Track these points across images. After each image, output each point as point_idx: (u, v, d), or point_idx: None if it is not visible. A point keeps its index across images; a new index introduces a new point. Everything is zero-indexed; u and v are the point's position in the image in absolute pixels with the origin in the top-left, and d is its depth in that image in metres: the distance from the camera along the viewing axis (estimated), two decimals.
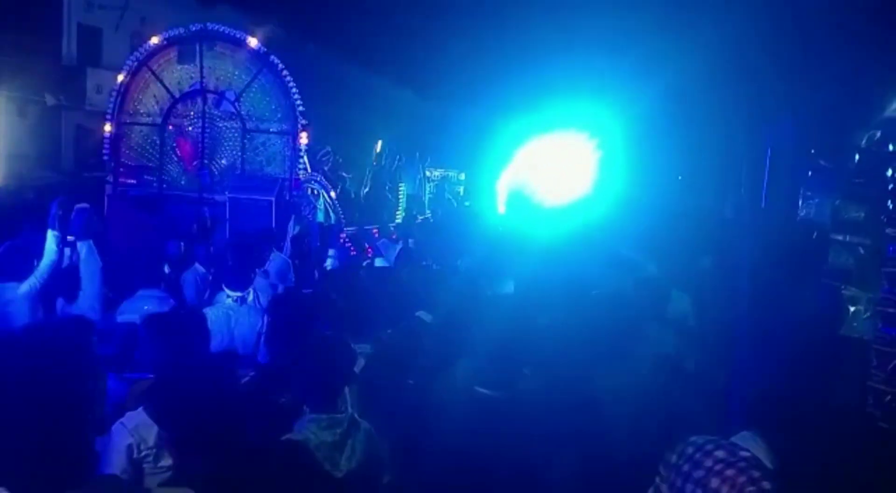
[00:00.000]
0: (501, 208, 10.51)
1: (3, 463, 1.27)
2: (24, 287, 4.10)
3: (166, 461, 2.65)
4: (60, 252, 4.23)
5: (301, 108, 8.99)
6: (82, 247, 4.19)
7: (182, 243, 7.10)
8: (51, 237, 4.20)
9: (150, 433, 2.71)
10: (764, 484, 1.51)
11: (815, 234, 3.78)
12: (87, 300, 4.06)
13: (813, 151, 3.89)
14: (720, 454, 1.60)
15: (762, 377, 3.42)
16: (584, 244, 5.26)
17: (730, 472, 1.54)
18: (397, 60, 16.54)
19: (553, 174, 8.66)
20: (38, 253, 4.25)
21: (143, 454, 2.68)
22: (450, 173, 19.79)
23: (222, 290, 4.63)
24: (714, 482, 1.55)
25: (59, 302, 4.26)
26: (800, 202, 3.93)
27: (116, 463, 2.61)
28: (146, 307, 4.23)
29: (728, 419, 3.04)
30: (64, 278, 4.22)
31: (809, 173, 3.93)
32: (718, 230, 5.48)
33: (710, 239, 5.41)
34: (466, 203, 17.59)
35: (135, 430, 2.71)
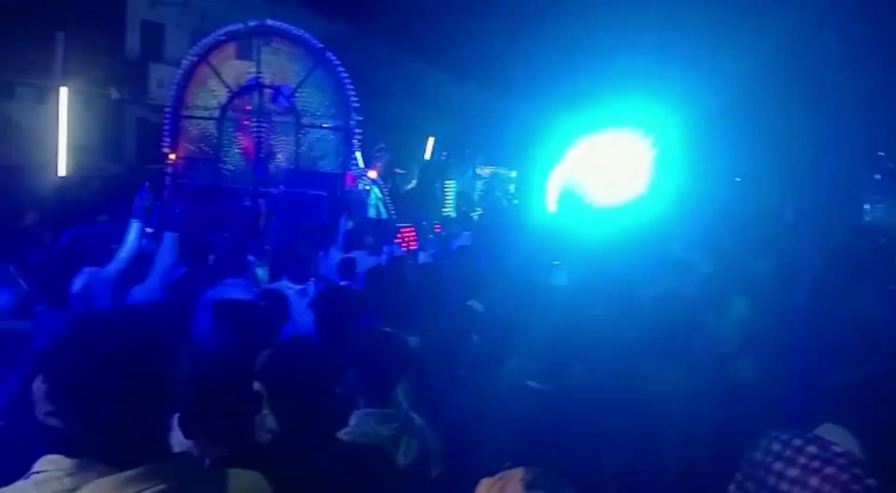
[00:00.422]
0: (552, 207, 10.37)
1: (91, 435, 1.37)
2: (107, 272, 4.29)
3: None
4: (140, 241, 4.43)
5: (355, 104, 9.09)
6: (167, 237, 4.38)
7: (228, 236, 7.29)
8: (135, 227, 4.38)
9: None
10: (869, 482, 1.45)
11: (883, 240, 3.64)
12: (155, 288, 4.23)
13: (882, 154, 3.75)
14: (812, 449, 1.54)
15: (822, 383, 3.32)
16: (638, 244, 5.18)
17: (829, 469, 1.48)
18: (452, 57, 16.59)
19: (606, 173, 8.48)
20: (108, 239, 4.43)
21: None
22: (500, 171, 19.73)
23: (281, 280, 4.75)
24: (814, 481, 1.49)
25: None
26: (867, 207, 3.79)
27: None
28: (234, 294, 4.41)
29: (786, 422, 2.96)
30: (138, 266, 4.41)
31: (878, 177, 3.80)
32: (777, 233, 5.33)
33: (769, 242, 5.28)
34: (516, 201, 17.50)
35: None
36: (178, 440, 1.87)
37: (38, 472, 1.72)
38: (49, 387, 1.50)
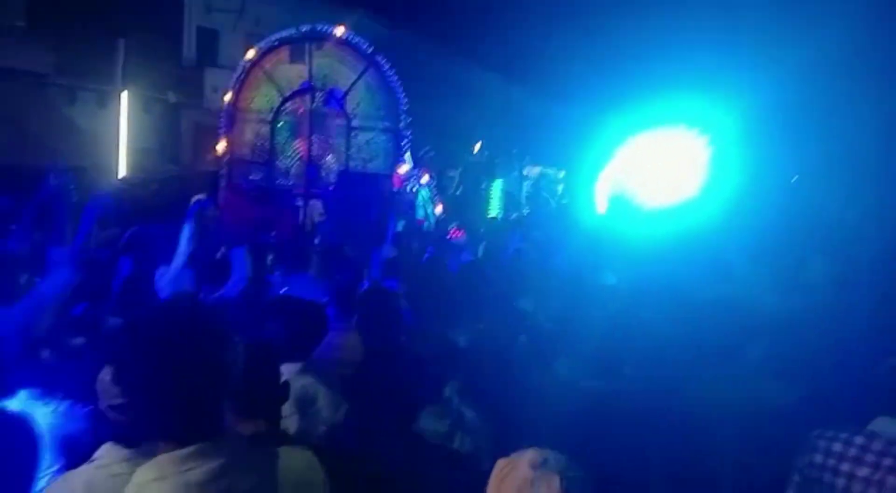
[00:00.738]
0: (601, 208, 10.25)
1: (154, 415, 1.50)
2: (173, 268, 4.49)
3: None
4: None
5: (405, 106, 9.18)
6: (238, 253, 4.72)
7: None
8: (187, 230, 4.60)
9: None
10: None
11: None
12: (234, 284, 4.44)
13: None
14: (877, 446, 1.51)
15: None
16: (690, 247, 5.09)
17: None
18: (500, 57, 16.58)
19: (658, 173, 8.29)
20: (166, 240, 4.61)
21: None
22: (548, 171, 19.62)
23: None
24: (891, 480, 1.47)
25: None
26: None
27: None
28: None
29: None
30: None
31: None
32: (836, 234, 5.19)
33: (826, 243, 5.13)
34: (564, 201, 17.39)
35: None
36: None
37: (99, 458, 1.86)
38: (116, 371, 1.61)
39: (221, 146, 9.71)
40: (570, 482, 1.28)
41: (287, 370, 2.87)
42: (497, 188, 15.27)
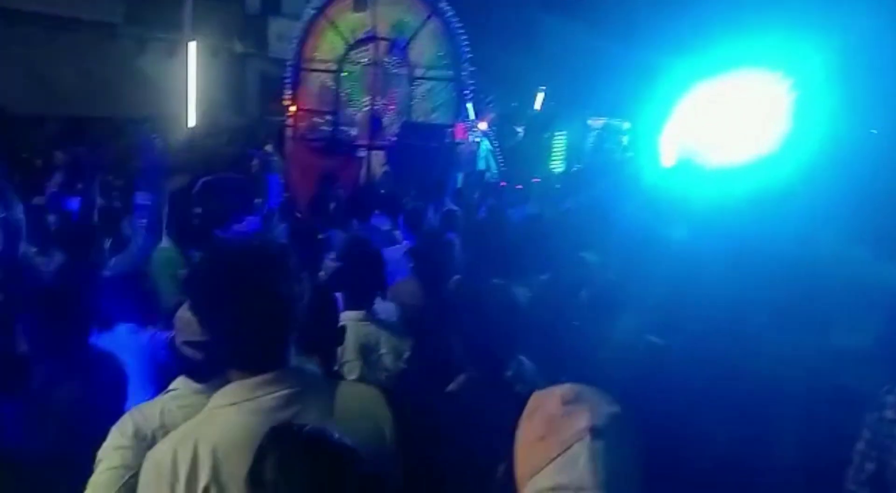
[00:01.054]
0: (668, 162, 9.88)
1: (228, 344, 1.59)
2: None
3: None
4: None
5: (468, 54, 9.04)
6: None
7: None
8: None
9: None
10: None
11: None
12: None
13: None
14: None
15: None
16: (768, 208, 4.87)
17: None
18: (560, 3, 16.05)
19: (732, 125, 7.70)
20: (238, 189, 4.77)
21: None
22: (613, 122, 19.12)
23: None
24: None
25: None
26: None
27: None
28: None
29: None
30: None
31: None
32: None
33: None
34: (629, 154, 16.97)
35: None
36: None
37: (173, 390, 1.99)
38: (193, 305, 1.70)
39: (287, 96, 9.81)
40: (601, 419, 1.19)
41: (350, 318, 2.98)
42: (560, 140, 14.99)
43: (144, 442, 1.76)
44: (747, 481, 2.60)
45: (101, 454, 1.80)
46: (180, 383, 2.02)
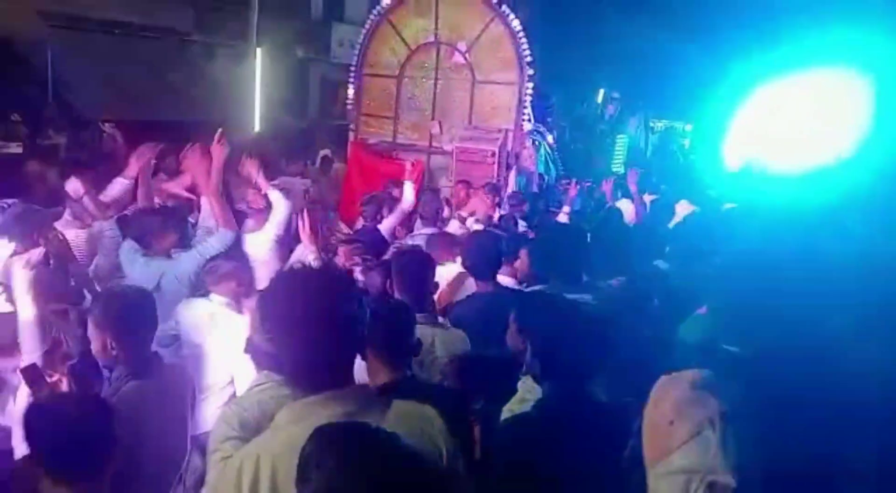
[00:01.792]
0: (732, 164, 9.60)
1: (291, 360, 1.68)
2: None
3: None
4: None
5: (528, 58, 9.00)
6: None
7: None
8: None
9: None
10: None
11: None
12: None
13: None
14: None
15: None
16: (842, 217, 4.67)
17: None
18: (626, 2, 15.80)
19: (804, 125, 7.26)
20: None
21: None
22: (675, 124, 18.77)
23: None
24: None
25: None
26: None
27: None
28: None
29: None
30: None
31: None
32: None
33: None
34: (691, 157, 16.63)
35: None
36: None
37: (257, 383, 2.16)
38: (261, 318, 1.78)
39: (349, 100, 9.95)
40: (729, 404, 1.25)
41: None
42: (622, 142, 14.80)
43: (249, 431, 1.91)
44: None
45: (212, 445, 1.96)
46: (265, 377, 2.17)
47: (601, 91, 16.03)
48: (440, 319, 3.40)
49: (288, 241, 5.18)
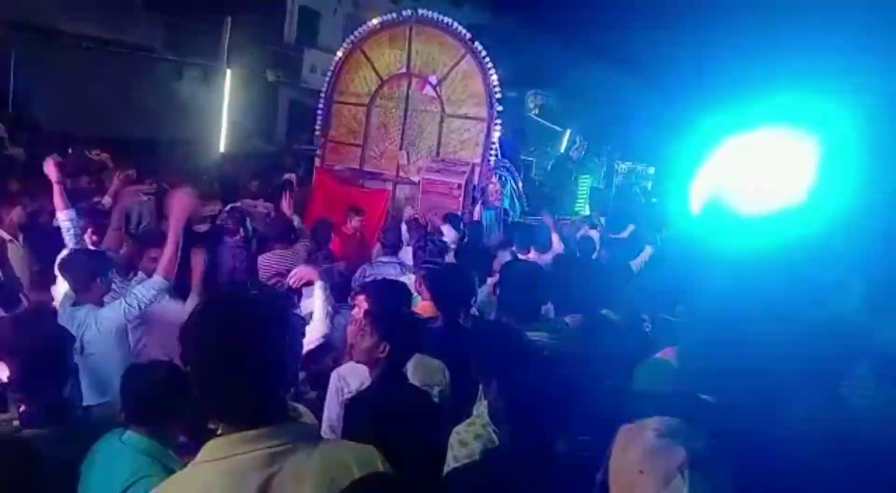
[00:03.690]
0: (695, 208, 9.82)
1: (212, 398, 1.56)
2: None
3: None
4: None
5: (498, 95, 9.11)
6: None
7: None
8: None
9: (354, 378, 3.03)
10: None
11: None
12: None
13: None
14: None
15: None
16: (793, 262, 4.80)
17: None
18: (593, 45, 16.21)
19: (761, 176, 7.73)
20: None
21: (345, 396, 3.01)
22: (638, 167, 19.16)
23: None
24: None
25: None
26: None
27: (332, 403, 3.06)
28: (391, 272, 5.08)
29: None
30: None
31: None
32: None
33: None
34: (654, 199, 16.94)
35: (340, 375, 3.09)
36: None
37: None
38: (182, 355, 1.64)
39: (317, 127, 9.92)
40: (697, 452, 1.22)
41: None
42: (585, 183, 15.01)
43: None
44: None
45: None
46: None
47: (567, 132, 16.31)
48: None
49: None
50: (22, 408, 2.41)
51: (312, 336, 3.70)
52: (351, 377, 3.09)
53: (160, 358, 2.69)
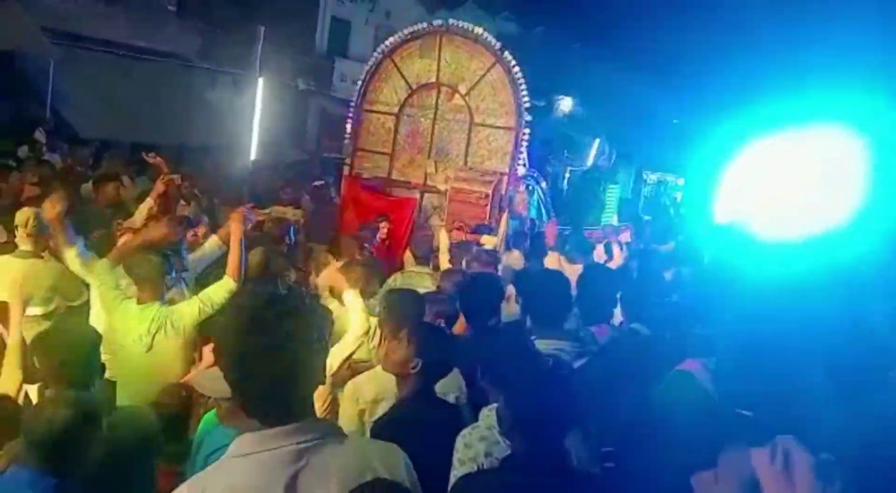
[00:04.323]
0: (722, 220, 9.57)
1: (247, 398, 1.61)
2: None
3: (375, 418, 2.95)
4: None
5: (527, 104, 9.11)
6: None
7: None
8: None
9: (370, 387, 3.04)
10: None
11: None
12: None
13: None
14: None
15: None
16: (834, 286, 4.55)
17: None
18: (624, 53, 16.14)
19: (796, 187, 6.97)
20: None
21: (361, 406, 3.03)
22: (667, 177, 18.99)
23: None
24: None
25: None
26: None
27: (347, 412, 3.11)
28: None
29: None
30: None
31: None
32: None
33: None
34: (683, 211, 16.77)
35: (355, 384, 3.10)
36: None
37: None
38: (215, 350, 1.70)
39: (347, 135, 9.99)
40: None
41: None
42: (613, 193, 14.92)
43: None
44: None
45: None
46: None
47: (596, 141, 16.24)
48: None
49: None
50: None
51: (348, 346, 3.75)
52: (367, 386, 3.08)
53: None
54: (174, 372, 3.71)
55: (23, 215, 4.52)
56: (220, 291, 3.91)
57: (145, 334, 3.71)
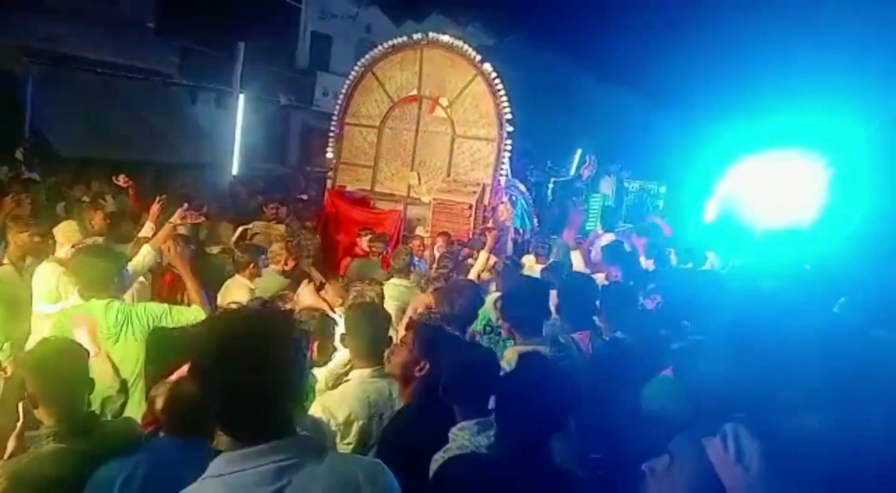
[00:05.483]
0: (707, 221, 9.74)
1: (221, 415, 1.57)
2: None
3: (348, 440, 2.90)
4: None
5: (508, 115, 9.16)
6: None
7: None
8: None
9: (341, 410, 2.98)
10: None
11: None
12: None
13: None
14: None
15: None
16: (807, 281, 4.72)
17: None
18: (603, 63, 16.29)
19: (773, 195, 7.65)
20: None
21: (332, 429, 2.97)
22: (650, 185, 19.09)
23: None
24: None
25: None
26: None
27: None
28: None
29: None
30: None
31: None
32: None
33: None
34: (665, 219, 16.87)
35: (325, 407, 3.03)
36: None
37: None
38: (191, 369, 1.65)
39: (329, 149, 10.00)
40: None
41: (362, 375, 3.07)
42: (597, 202, 14.99)
43: None
44: None
45: None
46: None
47: (578, 151, 16.32)
48: None
49: None
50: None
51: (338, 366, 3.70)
52: (339, 409, 2.98)
53: None
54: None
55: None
56: (189, 315, 3.77)
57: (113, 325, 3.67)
